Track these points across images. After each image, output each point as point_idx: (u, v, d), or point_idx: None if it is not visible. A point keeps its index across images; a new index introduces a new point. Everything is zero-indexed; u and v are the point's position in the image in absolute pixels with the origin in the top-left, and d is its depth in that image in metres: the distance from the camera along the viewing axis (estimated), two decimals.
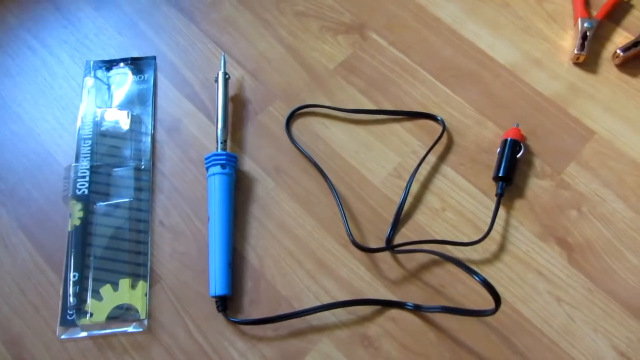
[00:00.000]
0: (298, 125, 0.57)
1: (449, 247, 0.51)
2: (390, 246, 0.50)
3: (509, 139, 0.54)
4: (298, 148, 0.56)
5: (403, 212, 0.53)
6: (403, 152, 0.56)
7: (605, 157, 0.55)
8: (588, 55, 0.59)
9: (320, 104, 0.58)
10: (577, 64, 0.60)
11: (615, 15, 0.63)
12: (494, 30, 0.62)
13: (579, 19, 0.60)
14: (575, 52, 0.59)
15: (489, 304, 0.49)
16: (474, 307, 0.49)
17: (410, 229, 0.52)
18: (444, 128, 0.56)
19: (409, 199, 0.54)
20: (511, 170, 0.53)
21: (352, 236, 0.51)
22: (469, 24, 0.63)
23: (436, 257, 0.51)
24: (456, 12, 0.63)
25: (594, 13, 0.62)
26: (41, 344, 0.48)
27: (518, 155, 0.53)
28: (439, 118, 0.56)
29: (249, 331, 0.49)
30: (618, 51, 0.59)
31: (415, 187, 0.54)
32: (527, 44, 0.61)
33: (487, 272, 0.50)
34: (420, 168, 0.55)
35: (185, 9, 0.64)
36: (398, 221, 0.52)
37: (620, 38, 0.62)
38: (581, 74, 0.60)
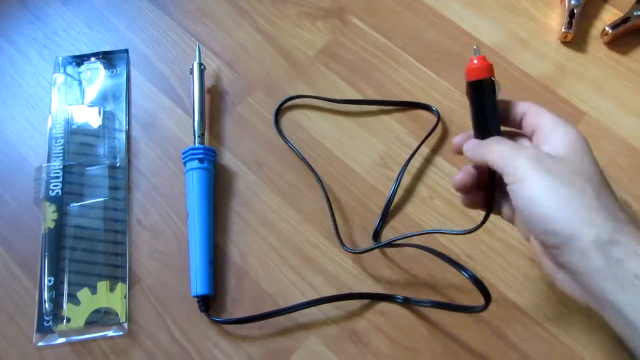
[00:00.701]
0: (279, 116, 0.55)
1: (438, 236, 0.50)
2: (378, 245, 0.48)
3: (479, 80, 0.38)
4: (287, 143, 0.53)
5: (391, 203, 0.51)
6: (388, 139, 0.54)
7: (595, 138, 0.53)
8: (576, 33, 0.57)
9: (308, 94, 0.56)
10: (565, 42, 0.58)
11: None
12: (478, 10, 0.60)
13: None
14: (563, 30, 0.57)
15: (480, 295, 0.47)
16: (465, 297, 0.47)
17: (398, 220, 0.51)
18: (439, 119, 0.54)
19: (392, 186, 0.52)
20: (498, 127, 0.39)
21: (341, 240, 0.49)
22: (452, 4, 0.61)
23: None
24: None
25: None
26: (17, 353, 0.46)
27: (497, 96, 0.38)
28: (433, 108, 0.54)
29: (233, 331, 0.47)
30: (607, 28, 0.57)
31: (398, 173, 0.52)
32: (513, 24, 0.60)
33: (479, 261, 0.49)
34: (402, 153, 0.53)
35: (158, 0, 0.62)
36: (387, 214, 0.51)
37: (609, 15, 0.60)
38: (569, 53, 0.58)
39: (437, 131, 0.54)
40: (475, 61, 0.38)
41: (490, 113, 0.38)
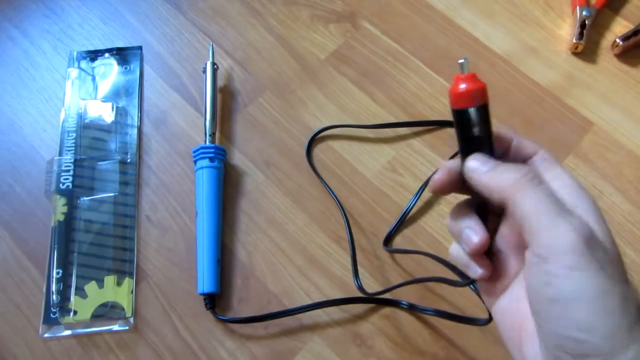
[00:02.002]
0: (289, 118, 0.56)
1: (445, 243, 0.50)
2: (392, 287, 0.46)
3: (469, 109, 0.29)
4: (316, 173, 0.53)
5: (400, 211, 0.51)
6: (397, 144, 0.54)
7: (603, 149, 0.54)
8: (586, 44, 0.58)
9: (341, 124, 0.55)
10: (575, 53, 0.59)
11: (614, 3, 0.61)
12: (489, 18, 0.61)
13: (577, 7, 0.59)
14: (574, 41, 0.57)
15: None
16: (469, 304, 0.47)
17: (405, 224, 0.51)
18: None
19: (403, 192, 0.52)
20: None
21: (359, 282, 0.47)
22: (463, 11, 0.61)
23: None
24: (449, 0, 0.62)
25: (593, 1, 0.60)
26: (23, 343, 0.47)
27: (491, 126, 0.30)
28: None
29: (238, 330, 0.47)
30: (617, 40, 0.57)
31: (409, 180, 0.53)
32: (524, 32, 0.60)
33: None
34: (413, 160, 0.53)
35: None
36: (402, 223, 0.51)
37: (620, 27, 0.60)
38: (579, 63, 0.58)
39: (444, 134, 0.54)
40: (463, 85, 0.28)
41: (484, 146, 0.29)
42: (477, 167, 0.29)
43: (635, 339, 0.24)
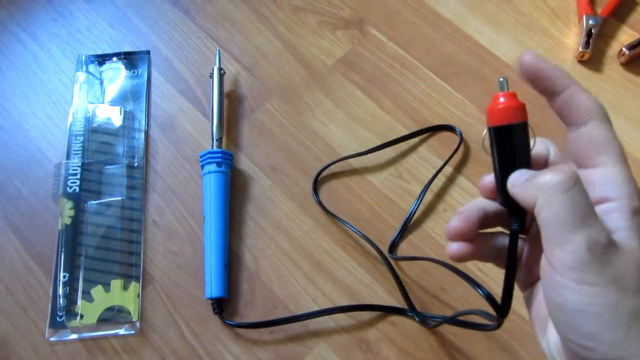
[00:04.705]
0: (295, 123, 0.56)
1: None
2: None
3: (506, 125, 0.29)
4: (323, 208, 0.52)
5: (404, 217, 0.52)
6: (402, 151, 0.55)
7: None
8: (593, 53, 0.58)
9: (346, 155, 0.54)
10: (582, 61, 0.59)
11: (620, 12, 0.61)
12: (496, 26, 0.61)
13: (584, 16, 0.59)
14: (580, 49, 0.58)
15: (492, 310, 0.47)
16: (476, 311, 0.47)
17: (410, 230, 0.51)
18: (461, 140, 0.54)
19: (408, 199, 0.52)
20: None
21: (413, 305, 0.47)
22: (470, 19, 0.61)
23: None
24: (457, 7, 0.62)
25: (599, 10, 0.60)
26: (29, 347, 0.47)
27: (532, 146, 0.30)
28: (457, 130, 0.55)
29: (244, 334, 0.47)
30: (623, 49, 0.58)
31: (416, 188, 0.53)
32: (530, 41, 0.60)
33: (491, 276, 0.49)
34: (419, 166, 0.54)
35: (180, 2, 0.62)
36: (406, 228, 0.51)
37: (626, 36, 0.60)
38: (585, 72, 0.58)
39: (451, 141, 0.55)
40: (502, 99, 0.29)
41: (524, 164, 0.29)
42: (518, 177, 0.28)
43: None
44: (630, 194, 0.26)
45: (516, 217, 0.29)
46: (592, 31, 0.58)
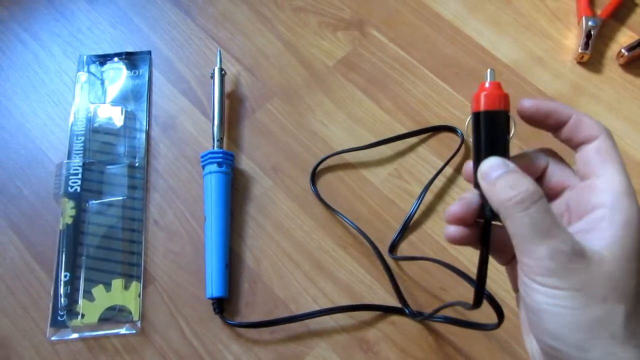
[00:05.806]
0: (296, 124, 0.56)
1: (450, 250, 0.50)
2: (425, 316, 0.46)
3: (483, 111, 0.30)
4: (322, 202, 0.52)
5: (404, 217, 0.52)
6: (403, 151, 0.55)
7: None
8: (592, 54, 0.58)
9: (343, 149, 0.54)
10: (581, 63, 0.59)
11: (620, 14, 0.62)
12: (497, 27, 0.61)
13: (583, 18, 0.59)
14: (579, 51, 0.58)
15: (492, 309, 0.48)
16: (475, 311, 0.47)
17: (410, 230, 0.51)
18: (462, 141, 0.54)
19: (408, 199, 0.52)
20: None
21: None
22: (471, 20, 0.61)
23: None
24: (457, 9, 0.62)
25: (598, 12, 0.61)
26: (31, 346, 0.47)
27: (510, 136, 0.30)
28: (458, 131, 0.55)
29: (245, 334, 0.47)
30: (623, 50, 0.58)
31: (415, 188, 0.53)
32: (530, 42, 0.60)
33: (489, 275, 0.49)
34: (419, 167, 0.54)
35: (181, 2, 0.62)
36: (406, 229, 0.51)
37: (625, 37, 0.61)
38: (585, 73, 0.59)
39: (451, 142, 0.55)
40: (486, 86, 0.30)
41: (500, 152, 0.29)
42: (488, 172, 0.29)
43: (620, 351, 0.25)
44: (625, 207, 0.27)
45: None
46: (592, 32, 0.58)
